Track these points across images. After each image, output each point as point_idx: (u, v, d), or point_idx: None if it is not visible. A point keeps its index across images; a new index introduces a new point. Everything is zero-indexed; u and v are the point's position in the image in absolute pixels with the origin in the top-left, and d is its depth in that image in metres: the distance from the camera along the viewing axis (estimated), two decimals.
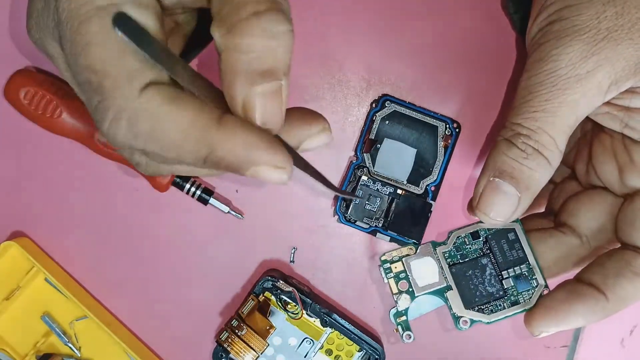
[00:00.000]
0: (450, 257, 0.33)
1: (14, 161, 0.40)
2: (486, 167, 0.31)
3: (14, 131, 0.40)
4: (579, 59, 0.28)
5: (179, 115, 0.25)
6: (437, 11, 0.39)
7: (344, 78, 0.40)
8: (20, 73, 0.38)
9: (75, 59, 0.25)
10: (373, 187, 0.39)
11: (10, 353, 0.40)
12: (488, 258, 0.33)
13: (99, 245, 0.41)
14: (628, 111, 0.31)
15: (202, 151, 0.25)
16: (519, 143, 0.29)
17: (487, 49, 0.39)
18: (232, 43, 0.25)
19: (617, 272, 0.32)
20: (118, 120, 0.25)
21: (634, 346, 0.41)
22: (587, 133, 0.35)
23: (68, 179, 0.40)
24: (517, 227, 0.33)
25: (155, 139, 0.25)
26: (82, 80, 0.26)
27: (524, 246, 0.33)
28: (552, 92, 0.29)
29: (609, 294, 0.32)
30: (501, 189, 0.30)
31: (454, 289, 0.33)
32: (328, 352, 0.40)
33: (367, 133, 0.39)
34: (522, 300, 0.33)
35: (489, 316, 0.33)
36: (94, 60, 0.25)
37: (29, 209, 0.41)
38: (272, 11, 0.26)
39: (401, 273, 0.33)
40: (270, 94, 0.26)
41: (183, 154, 0.25)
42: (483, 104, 0.40)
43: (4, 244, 0.39)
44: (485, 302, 0.33)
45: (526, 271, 0.33)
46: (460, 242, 0.33)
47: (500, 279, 0.33)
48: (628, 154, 0.32)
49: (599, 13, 0.28)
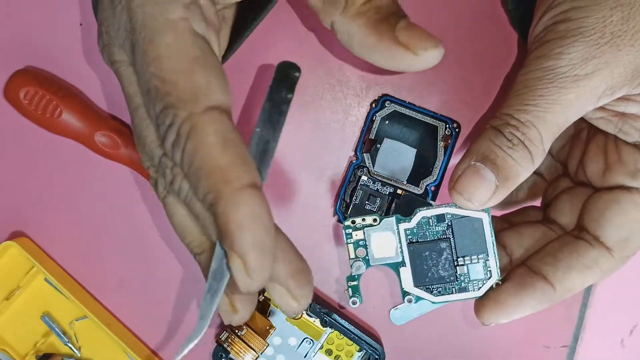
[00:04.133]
0: (412, 234, 0.33)
1: (14, 161, 0.40)
2: (470, 151, 0.31)
3: (14, 131, 0.40)
4: (579, 60, 0.28)
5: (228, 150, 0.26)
6: (437, 11, 0.39)
7: (344, 78, 0.40)
8: (20, 73, 0.38)
9: (146, 67, 0.27)
10: (373, 187, 0.39)
11: (10, 353, 0.40)
12: (447, 242, 0.33)
13: (99, 245, 0.41)
14: (623, 117, 0.31)
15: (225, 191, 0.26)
16: (506, 132, 0.29)
17: (487, 48, 0.39)
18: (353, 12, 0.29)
19: (568, 264, 0.32)
20: (176, 128, 0.26)
21: (634, 346, 0.42)
22: (582, 131, 0.35)
23: (68, 179, 0.40)
24: (485, 217, 0.33)
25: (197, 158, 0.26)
26: (149, 87, 0.27)
27: (487, 237, 0.33)
28: (548, 88, 0.29)
29: (557, 285, 0.32)
30: (481, 174, 0.30)
31: (407, 266, 0.33)
32: (328, 352, 0.40)
33: (367, 133, 0.39)
34: (471, 289, 0.34)
35: (436, 297, 0.34)
36: (164, 71, 0.26)
37: (29, 209, 0.41)
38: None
39: (361, 241, 0.33)
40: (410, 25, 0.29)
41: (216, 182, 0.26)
42: (483, 104, 0.40)
43: (4, 244, 0.39)
44: (434, 283, 0.33)
45: (483, 262, 0.33)
46: (424, 222, 0.33)
47: (455, 265, 0.33)
48: (618, 153, 0.33)
49: (605, 17, 0.28)
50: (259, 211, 0.26)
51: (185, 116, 0.26)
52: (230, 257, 0.26)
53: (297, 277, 0.29)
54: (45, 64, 0.40)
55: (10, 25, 0.40)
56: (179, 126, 0.26)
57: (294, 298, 0.29)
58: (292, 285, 0.29)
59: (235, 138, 0.26)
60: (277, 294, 0.30)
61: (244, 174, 0.26)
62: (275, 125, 0.29)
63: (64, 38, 0.39)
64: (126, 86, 0.29)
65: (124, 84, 0.29)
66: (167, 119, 0.26)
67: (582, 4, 0.29)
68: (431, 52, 0.29)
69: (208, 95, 0.26)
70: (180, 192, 0.28)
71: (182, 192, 0.28)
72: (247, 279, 0.26)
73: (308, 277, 0.30)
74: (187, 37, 0.27)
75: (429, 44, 0.29)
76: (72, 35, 0.39)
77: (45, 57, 0.40)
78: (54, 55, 0.40)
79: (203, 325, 0.29)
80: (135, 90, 0.29)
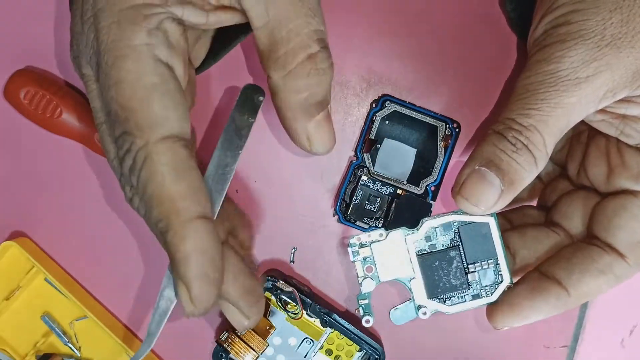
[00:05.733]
0: (420, 246, 0.33)
1: (14, 161, 0.40)
2: (473, 156, 0.31)
3: (14, 131, 0.40)
4: (580, 63, 0.28)
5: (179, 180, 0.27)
6: (437, 11, 0.39)
7: (344, 78, 0.40)
8: (20, 73, 0.38)
9: (107, 90, 0.27)
10: (373, 187, 0.39)
11: (10, 353, 0.40)
12: (457, 251, 0.33)
13: (99, 245, 0.41)
14: (624, 119, 0.31)
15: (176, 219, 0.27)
16: (509, 137, 0.29)
17: (487, 48, 0.39)
18: (290, 85, 0.29)
19: (583, 268, 0.32)
20: (133, 155, 0.27)
21: (634, 346, 0.42)
22: (581, 133, 0.35)
23: (68, 179, 0.40)
24: (492, 222, 0.33)
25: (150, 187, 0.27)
26: (110, 109, 0.28)
27: (495, 241, 0.33)
28: (550, 92, 0.29)
29: (572, 290, 0.32)
30: (486, 178, 0.30)
31: (419, 278, 0.33)
32: (328, 352, 0.40)
33: (367, 133, 0.39)
34: (484, 295, 0.34)
35: (450, 307, 0.33)
36: (123, 97, 0.27)
37: (29, 209, 0.41)
38: (322, 51, 0.30)
39: (368, 257, 0.33)
40: (324, 120, 0.31)
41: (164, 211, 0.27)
42: (483, 104, 0.40)
43: (4, 244, 0.39)
44: (447, 293, 0.33)
45: (493, 267, 0.33)
46: (431, 233, 0.33)
47: (465, 272, 0.33)
48: (620, 157, 0.33)
49: (605, 20, 0.28)
50: (205, 244, 0.27)
51: (141, 145, 0.27)
52: (176, 284, 0.27)
53: (247, 297, 0.31)
54: (45, 64, 0.40)
55: (10, 25, 0.40)
56: (135, 153, 0.27)
57: (245, 316, 0.31)
58: (242, 304, 0.31)
59: (189, 167, 0.27)
60: (229, 311, 0.31)
61: (193, 205, 0.27)
62: (235, 150, 0.30)
63: (64, 38, 0.39)
64: (92, 100, 0.30)
65: (90, 97, 0.30)
66: (125, 145, 0.27)
67: (582, 6, 0.29)
68: (322, 150, 0.32)
69: (164, 125, 0.27)
70: (139, 211, 0.29)
71: (140, 211, 0.29)
72: (190, 306, 0.27)
73: (257, 296, 0.32)
74: (148, 63, 0.27)
75: (323, 146, 0.31)
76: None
77: (45, 57, 0.40)
78: (54, 55, 0.40)
79: (150, 342, 0.30)
80: (101, 106, 0.29)
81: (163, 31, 0.28)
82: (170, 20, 0.28)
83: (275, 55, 0.29)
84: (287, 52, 0.29)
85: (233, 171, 0.30)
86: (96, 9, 0.28)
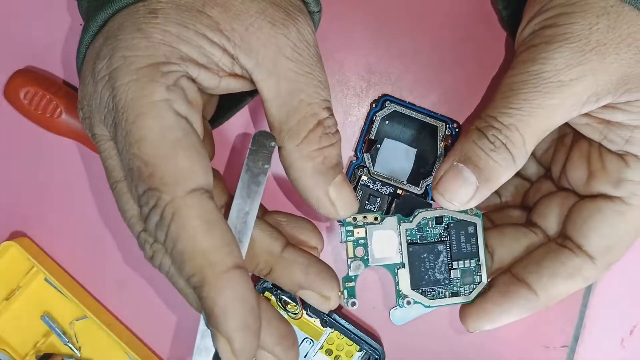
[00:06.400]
0: (411, 235, 0.33)
1: (14, 161, 0.40)
2: (453, 151, 0.31)
3: (14, 131, 0.40)
4: (564, 66, 0.28)
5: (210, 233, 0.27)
6: (437, 11, 0.39)
7: (344, 78, 0.40)
8: (20, 73, 0.38)
9: (129, 148, 0.27)
10: (373, 187, 0.39)
11: (10, 353, 0.40)
12: (444, 245, 0.34)
13: (99, 245, 0.41)
14: (608, 124, 0.31)
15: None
16: (489, 134, 0.30)
17: (487, 48, 0.39)
18: (305, 151, 0.29)
19: (552, 272, 0.32)
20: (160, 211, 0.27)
21: (634, 346, 0.42)
22: (566, 136, 0.35)
23: (68, 179, 0.40)
24: (478, 222, 0.34)
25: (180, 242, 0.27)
26: (131, 166, 0.27)
27: (479, 242, 0.34)
28: (533, 93, 0.29)
29: (541, 293, 0.32)
30: (462, 175, 0.30)
31: (406, 267, 0.33)
32: (328, 352, 0.40)
33: (367, 133, 0.39)
34: (463, 293, 0.34)
35: (430, 301, 0.34)
36: (147, 153, 0.27)
37: (29, 209, 0.41)
38: (330, 117, 0.30)
39: (361, 239, 0.33)
40: (343, 182, 0.31)
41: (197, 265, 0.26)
42: (483, 104, 0.40)
43: (4, 244, 0.39)
44: (430, 286, 0.34)
45: (474, 266, 0.34)
46: (424, 224, 0.34)
47: (449, 268, 0.34)
48: (602, 161, 0.33)
49: (591, 24, 0.28)
50: (243, 294, 0.26)
51: (169, 200, 0.26)
52: (216, 338, 0.27)
53: (283, 342, 0.30)
54: (45, 64, 0.40)
55: (10, 25, 0.40)
56: (162, 209, 0.26)
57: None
58: (279, 351, 0.30)
59: (217, 219, 0.27)
60: (265, 359, 0.31)
61: (227, 257, 0.27)
62: (254, 196, 0.30)
63: (64, 38, 0.39)
64: (106, 159, 0.30)
65: (104, 156, 0.30)
66: (150, 201, 0.27)
67: (570, 10, 0.29)
68: (347, 214, 0.31)
69: (190, 178, 0.27)
70: (161, 267, 0.29)
71: (163, 268, 0.29)
72: (233, 358, 0.27)
73: (293, 340, 0.31)
74: (169, 119, 0.27)
75: (348, 208, 0.31)
76: (72, 35, 0.39)
77: (45, 57, 0.40)
78: (54, 55, 0.40)
79: None
80: (115, 164, 0.29)
81: (180, 87, 0.28)
82: (186, 78, 0.28)
83: (288, 126, 0.29)
84: (300, 121, 0.29)
85: (254, 218, 0.30)
86: (112, 69, 0.28)
